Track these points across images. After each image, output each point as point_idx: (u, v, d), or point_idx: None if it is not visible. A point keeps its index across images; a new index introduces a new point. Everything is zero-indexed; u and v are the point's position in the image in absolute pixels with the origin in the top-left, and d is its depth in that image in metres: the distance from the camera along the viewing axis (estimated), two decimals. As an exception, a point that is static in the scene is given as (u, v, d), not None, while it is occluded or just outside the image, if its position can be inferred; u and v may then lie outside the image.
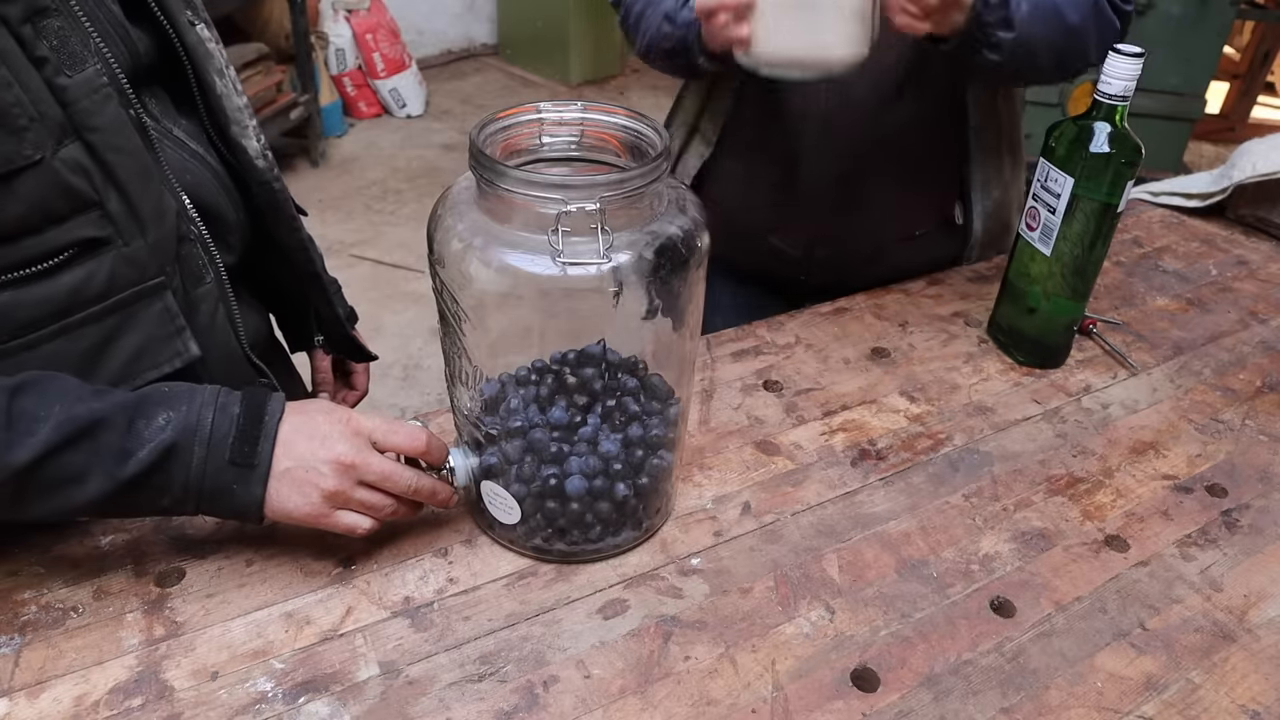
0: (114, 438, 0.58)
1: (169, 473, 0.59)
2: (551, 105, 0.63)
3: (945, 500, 0.76)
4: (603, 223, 0.54)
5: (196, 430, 0.60)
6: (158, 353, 0.68)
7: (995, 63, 0.83)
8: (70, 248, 0.61)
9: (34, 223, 0.59)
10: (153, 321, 0.67)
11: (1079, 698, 0.60)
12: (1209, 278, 1.13)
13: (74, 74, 0.60)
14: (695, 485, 0.76)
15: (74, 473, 0.58)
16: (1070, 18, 0.84)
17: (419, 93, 4.15)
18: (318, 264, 0.88)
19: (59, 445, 0.57)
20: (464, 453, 0.67)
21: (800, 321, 0.99)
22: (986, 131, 1.02)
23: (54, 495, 0.58)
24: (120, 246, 0.64)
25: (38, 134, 0.57)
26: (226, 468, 0.60)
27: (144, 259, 0.65)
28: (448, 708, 0.58)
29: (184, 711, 0.57)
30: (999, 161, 1.06)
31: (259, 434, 0.61)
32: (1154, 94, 3.41)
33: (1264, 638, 0.65)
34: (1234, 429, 0.86)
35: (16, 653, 0.60)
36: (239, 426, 0.61)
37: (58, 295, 0.62)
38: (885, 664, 0.62)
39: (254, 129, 0.77)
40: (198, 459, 0.60)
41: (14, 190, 0.57)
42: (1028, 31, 0.81)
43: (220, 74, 0.74)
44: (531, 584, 0.67)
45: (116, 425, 0.58)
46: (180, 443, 0.59)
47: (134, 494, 0.59)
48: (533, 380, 0.62)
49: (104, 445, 0.58)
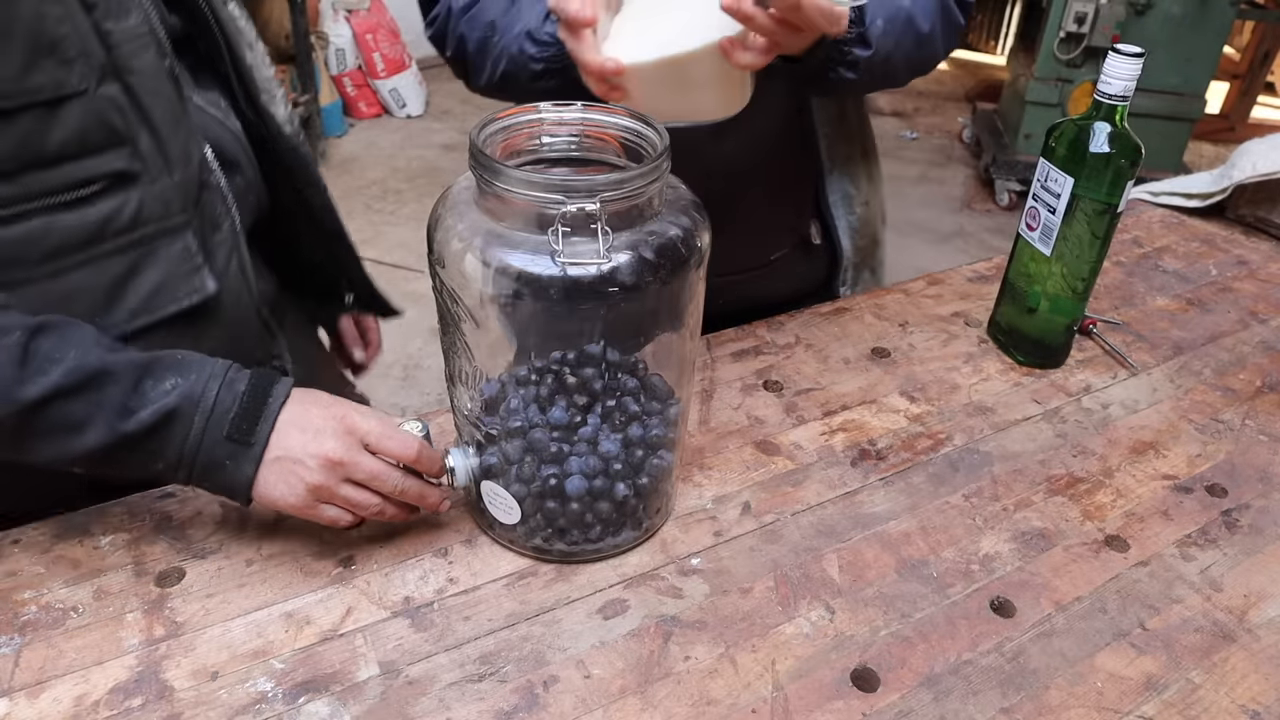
0: (119, 392, 0.60)
1: (167, 437, 0.61)
2: (551, 105, 0.63)
3: (945, 500, 0.76)
4: (603, 223, 0.54)
5: (200, 400, 0.61)
6: (176, 287, 0.70)
7: (851, 81, 0.79)
8: (102, 179, 0.64)
9: (72, 151, 0.62)
10: (174, 258, 0.70)
11: (1079, 698, 0.60)
12: (1209, 278, 1.13)
13: (119, 22, 0.64)
14: (695, 485, 0.76)
15: (76, 420, 0.59)
16: (922, 26, 0.81)
17: (419, 93, 4.16)
18: (342, 224, 0.93)
19: (67, 390, 0.59)
20: (464, 453, 0.67)
21: (800, 321, 0.99)
22: (837, 143, 0.99)
23: (54, 439, 0.60)
24: (148, 183, 0.67)
25: (83, 69, 0.61)
26: (223, 443, 0.62)
27: (169, 197, 0.69)
28: (448, 708, 0.58)
29: (184, 711, 0.57)
30: (855, 173, 1.02)
31: (260, 415, 0.62)
32: (1154, 94, 3.41)
33: (1264, 638, 0.65)
34: (1234, 429, 0.86)
35: (16, 653, 0.60)
36: (242, 404, 0.62)
37: (87, 225, 0.64)
38: (885, 664, 0.62)
39: (281, 98, 0.83)
40: (196, 428, 0.61)
41: (58, 117, 0.61)
42: (885, 48, 0.78)
43: (250, 47, 0.80)
44: (531, 584, 0.67)
45: (124, 380, 0.60)
46: (182, 409, 0.61)
47: (130, 452, 0.61)
48: (533, 380, 0.62)
49: (108, 398, 0.60)
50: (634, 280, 0.56)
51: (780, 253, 1.03)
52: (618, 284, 0.55)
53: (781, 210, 1.01)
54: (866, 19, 0.76)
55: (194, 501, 0.73)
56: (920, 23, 0.81)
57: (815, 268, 1.07)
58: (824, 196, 1.01)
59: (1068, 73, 3.48)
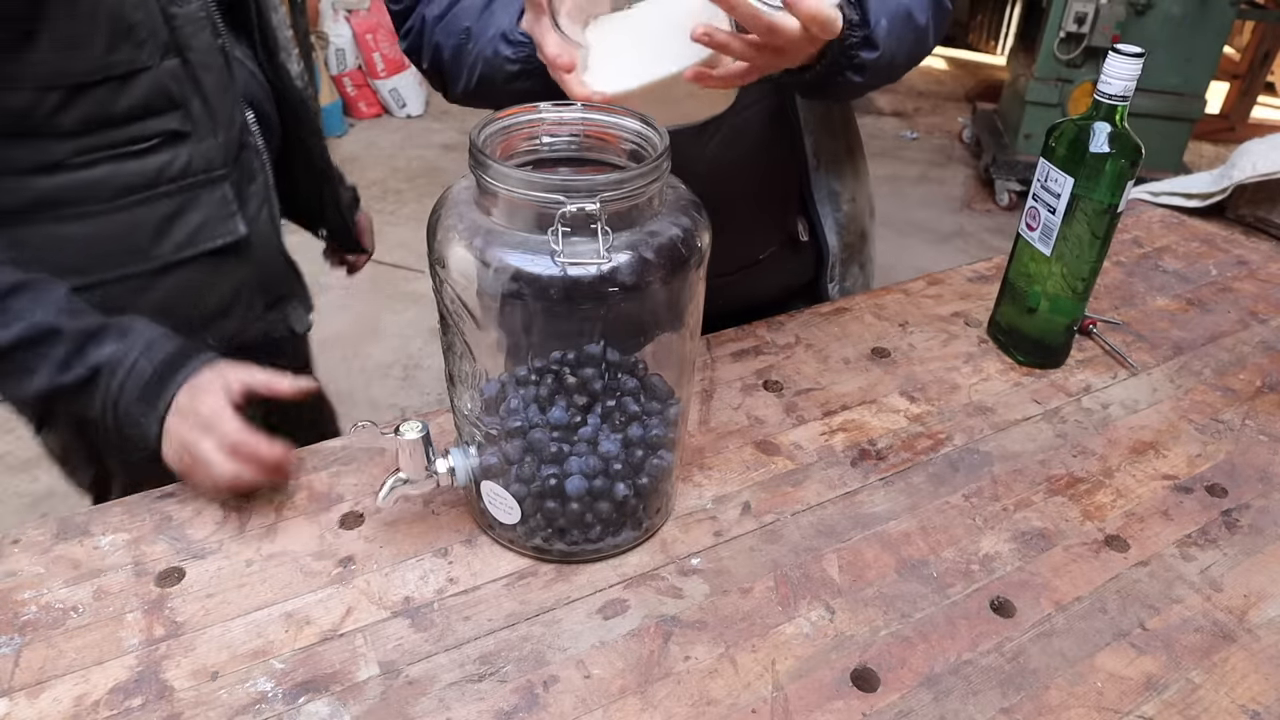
0: (64, 351, 0.72)
1: (93, 391, 0.73)
2: (551, 105, 0.63)
3: (945, 500, 0.76)
4: (603, 223, 0.54)
5: (122, 364, 0.73)
6: (214, 229, 0.86)
7: (858, 84, 0.78)
8: (159, 136, 0.81)
9: (137, 113, 0.79)
10: (213, 204, 0.86)
11: (1079, 698, 0.60)
12: (1209, 278, 1.13)
13: (183, 7, 0.80)
14: (695, 485, 0.76)
15: (27, 367, 0.72)
16: (919, 19, 0.80)
17: (419, 93, 4.16)
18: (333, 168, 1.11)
19: (24, 342, 0.71)
20: (464, 453, 0.67)
21: (800, 321, 0.99)
22: (823, 140, 0.98)
23: (9, 379, 0.74)
24: (196, 141, 0.83)
25: (151, 48, 0.78)
26: (136, 402, 0.73)
27: (213, 154, 0.85)
28: (448, 708, 0.58)
29: (184, 711, 0.57)
30: (841, 169, 1.01)
31: (167, 385, 0.73)
32: (1154, 94, 3.41)
33: (1264, 638, 0.65)
34: (1234, 429, 0.86)
35: (16, 653, 0.60)
36: (156, 372, 0.73)
37: (146, 172, 0.81)
38: (885, 664, 0.62)
39: (295, 56, 0.98)
40: (115, 385, 0.73)
41: (128, 87, 0.78)
42: (890, 48, 0.77)
43: (274, 10, 0.95)
44: (531, 584, 0.67)
45: (70, 341, 0.72)
46: (105, 369, 0.73)
47: (67, 400, 0.74)
48: (533, 380, 0.62)
49: (55, 354, 0.72)
50: (634, 280, 0.56)
51: (768, 251, 1.02)
52: (618, 284, 0.55)
53: (768, 208, 1.01)
54: (871, 21, 0.75)
55: (194, 501, 0.73)
56: (918, 17, 0.80)
57: (803, 265, 1.06)
58: (810, 193, 1.00)
59: (1068, 73, 3.48)
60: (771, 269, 1.04)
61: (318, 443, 0.79)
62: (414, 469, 0.66)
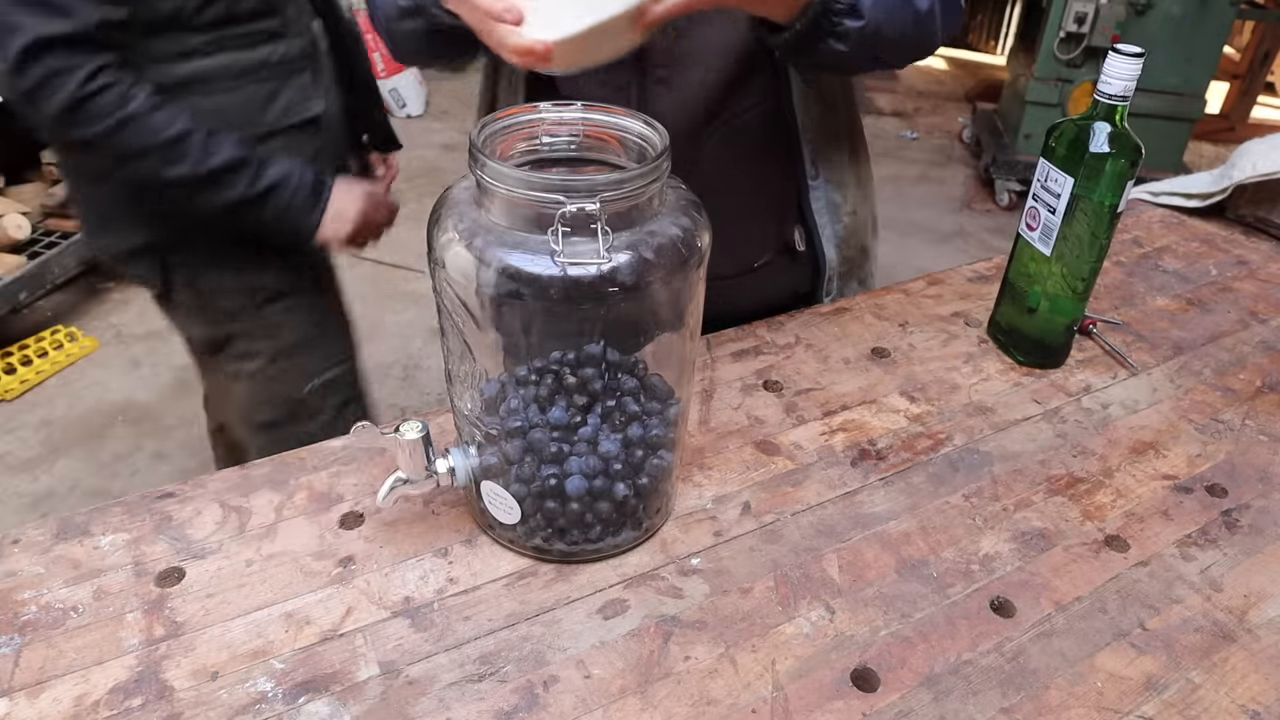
0: (250, 172, 1.12)
1: (276, 196, 1.15)
2: (551, 105, 0.63)
3: (945, 500, 0.76)
4: (603, 223, 0.54)
5: (290, 177, 1.16)
6: (300, 106, 1.22)
7: (840, 53, 0.77)
8: (263, 34, 1.16)
9: (250, 15, 1.14)
10: (299, 88, 1.22)
11: (1079, 698, 0.60)
12: (1209, 278, 1.13)
13: None
14: (695, 485, 0.76)
15: (225, 184, 1.11)
16: (920, 3, 0.79)
17: (419, 93, 4.16)
18: (374, 81, 1.48)
19: (224, 166, 1.10)
20: (464, 453, 0.67)
21: (800, 321, 0.99)
22: (822, 147, 0.97)
23: (212, 193, 1.12)
24: (287, 40, 1.19)
25: None
26: (305, 200, 1.17)
27: (295, 50, 1.21)
28: (448, 708, 0.58)
29: (184, 711, 0.57)
30: (842, 179, 1.00)
31: (323, 187, 1.19)
32: (1154, 94, 3.41)
33: (1264, 638, 0.65)
34: (1234, 429, 0.86)
35: (16, 653, 0.60)
36: (316, 179, 1.18)
37: (254, 60, 1.16)
38: (885, 664, 0.62)
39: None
40: (288, 193, 1.16)
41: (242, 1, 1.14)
42: (876, 20, 0.76)
43: None
44: (531, 584, 0.67)
45: (254, 165, 1.13)
46: (280, 182, 1.15)
47: (253, 204, 1.14)
48: (533, 380, 0.62)
49: (244, 174, 1.12)
50: (634, 280, 0.56)
51: (764, 259, 1.01)
52: (618, 284, 0.55)
53: (763, 216, 1.00)
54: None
55: (194, 501, 0.73)
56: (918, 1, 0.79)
57: (799, 276, 1.05)
58: (807, 202, 0.99)
59: (1068, 73, 3.48)
60: (767, 278, 1.03)
61: (319, 442, 0.80)
62: (414, 469, 0.66)
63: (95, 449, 2.30)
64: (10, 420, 2.39)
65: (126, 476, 2.22)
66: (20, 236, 2.61)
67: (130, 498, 0.73)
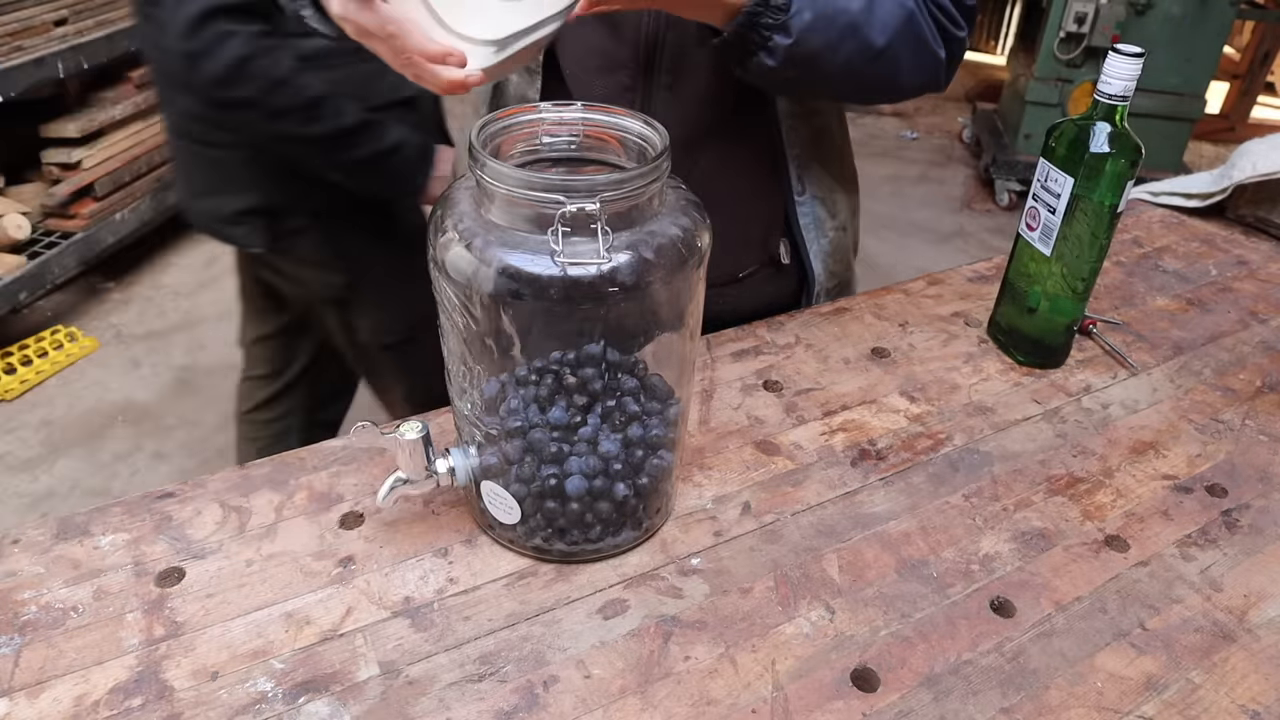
0: (377, 132, 1.30)
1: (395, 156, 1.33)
2: (551, 105, 0.63)
3: (945, 500, 0.76)
4: (603, 223, 0.54)
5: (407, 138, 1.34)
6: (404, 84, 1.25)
7: (771, 68, 0.76)
8: None
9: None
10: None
11: (1079, 698, 0.60)
12: (1209, 278, 1.13)
13: None
14: (695, 485, 0.76)
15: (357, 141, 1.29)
16: (874, 39, 0.78)
17: (419, 93, 4.15)
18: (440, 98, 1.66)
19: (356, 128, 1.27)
20: (464, 453, 0.67)
21: (800, 321, 0.99)
22: (810, 165, 0.97)
23: (345, 149, 1.27)
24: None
25: None
26: (416, 158, 1.36)
27: None
28: (448, 708, 0.58)
29: (184, 711, 0.57)
30: (831, 198, 1.00)
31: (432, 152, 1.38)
32: (1154, 94, 3.41)
33: (1264, 638, 0.65)
34: (1234, 429, 0.86)
35: (16, 653, 0.60)
36: (424, 145, 1.38)
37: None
38: (885, 664, 0.62)
39: None
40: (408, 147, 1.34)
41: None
42: (812, 43, 0.76)
43: None
44: (531, 584, 0.67)
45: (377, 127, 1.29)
46: (404, 139, 1.33)
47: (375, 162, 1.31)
48: (532, 380, 0.62)
49: (371, 133, 1.29)
50: (634, 280, 0.56)
51: (748, 271, 1.01)
52: (618, 284, 0.55)
53: (750, 228, 1.00)
54: (793, 8, 0.74)
55: (194, 501, 0.73)
56: (871, 35, 0.78)
57: (784, 288, 1.05)
58: (794, 216, 0.99)
59: (1068, 73, 3.48)
60: (752, 288, 1.03)
61: (320, 442, 0.80)
62: (414, 469, 0.66)
63: (95, 449, 2.30)
64: (10, 420, 2.39)
65: (126, 476, 2.22)
66: (20, 236, 2.61)
67: (130, 498, 0.73)
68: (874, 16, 0.78)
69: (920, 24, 0.82)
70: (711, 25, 0.77)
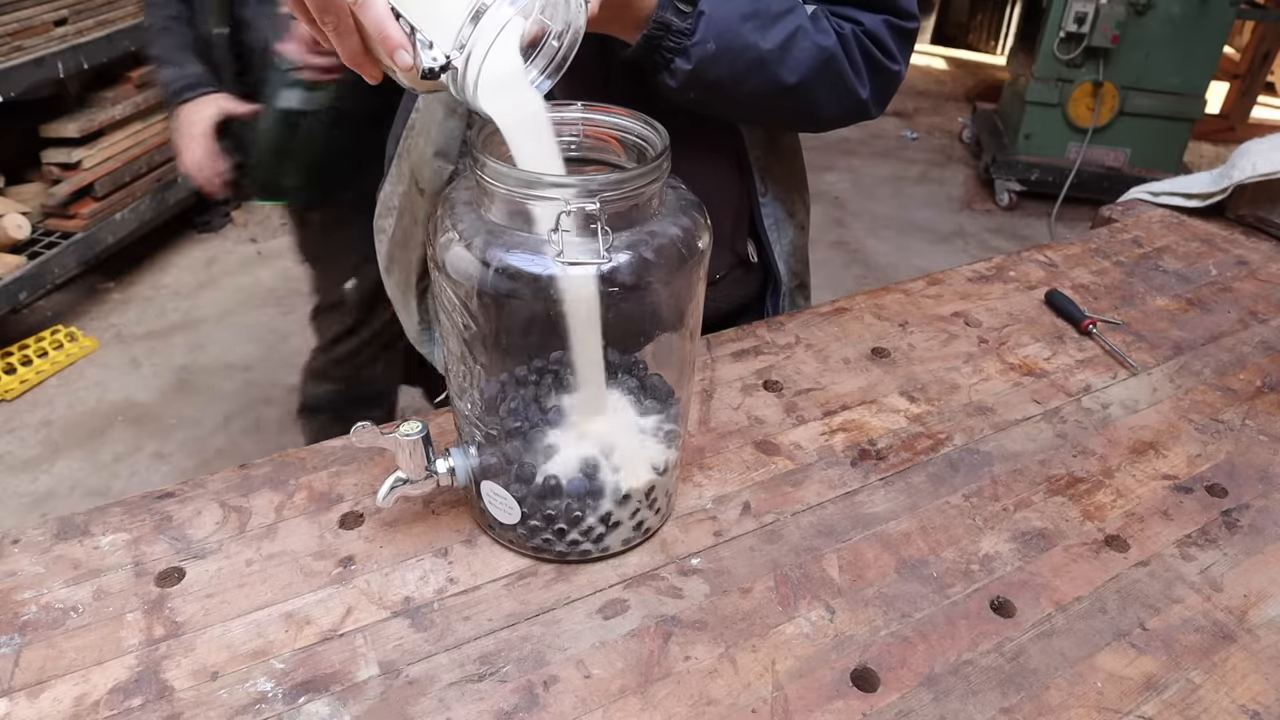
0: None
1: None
2: (551, 105, 0.63)
3: (945, 500, 0.76)
4: (603, 223, 0.54)
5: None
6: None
7: (673, 88, 0.78)
8: None
9: None
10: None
11: (1079, 698, 0.60)
12: (1209, 278, 1.13)
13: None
14: (695, 485, 0.76)
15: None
16: (784, 77, 0.79)
17: (419, 93, 4.15)
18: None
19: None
20: (464, 453, 0.67)
21: (800, 321, 0.99)
22: (771, 165, 0.98)
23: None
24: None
25: None
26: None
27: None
28: (448, 708, 0.58)
29: (184, 711, 0.57)
30: (790, 199, 1.02)
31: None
32: (1154, 94, 3.41)
33: (1264, 638, 0.65)
34: (1234, 429, 0.86)
35: (16, 653, 0.60)
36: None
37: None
38: (885, 664, 0.62)
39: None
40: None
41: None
42: (714, 72, 0.76)
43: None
44: (531, 584, 0.67)
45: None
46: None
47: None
48: (533, 380, 0.62)
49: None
50: (634, 280, 0.56)
51: (722, 272, 1.02)
52: (618, 284, 0.55)
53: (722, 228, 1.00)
54: (697, 35, 0.74)
55: (194, 501, 0.73)
56: (781, 73, 0.79)
57: (751, 288, 1.06)
58: (759, 216, 1.00)
59: (1068, 73, 3.48)
60: (724, 290, 1.03)
61: (321, 441, 0.79)
62: (414, 469, 0.66)
63: (95, 449, 2.30)
64: (10, 420, 2.39)
65: (126, 476, 2.22)
66: (20, 236, 2.61)
67: (130, 498, 0.73)
68: (788, 55, 0.79)
69: (840, 64, 0.82)
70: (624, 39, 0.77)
